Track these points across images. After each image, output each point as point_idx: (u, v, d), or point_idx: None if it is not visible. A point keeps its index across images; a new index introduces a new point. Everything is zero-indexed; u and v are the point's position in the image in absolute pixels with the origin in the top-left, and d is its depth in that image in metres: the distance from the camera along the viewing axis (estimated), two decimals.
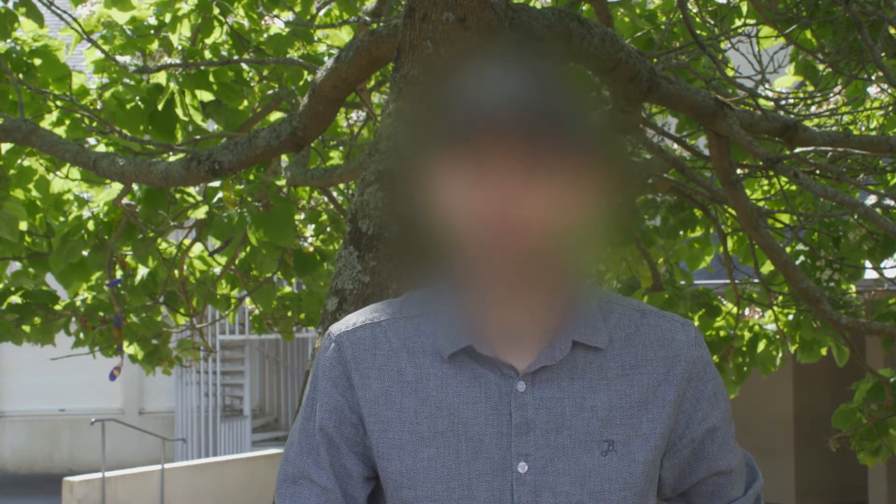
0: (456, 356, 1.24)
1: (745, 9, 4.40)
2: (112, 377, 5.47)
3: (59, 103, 4.01)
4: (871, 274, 6.11)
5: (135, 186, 4.11)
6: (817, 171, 3.93)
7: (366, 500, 1.29)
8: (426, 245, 1.24)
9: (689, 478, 1.33)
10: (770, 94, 4.34)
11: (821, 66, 4.46)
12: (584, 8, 4.28)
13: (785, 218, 4.71)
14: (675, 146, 4.80)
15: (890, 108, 4.79)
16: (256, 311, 6.27)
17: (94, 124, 4.04)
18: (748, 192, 4.84)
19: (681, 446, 1.30)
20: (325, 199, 5.38)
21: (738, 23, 4.41)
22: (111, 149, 4.11)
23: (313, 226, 5.54)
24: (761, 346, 5.23)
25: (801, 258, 4.82)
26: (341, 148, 5.46)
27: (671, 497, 1.36)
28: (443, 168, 1.17)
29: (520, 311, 1.24)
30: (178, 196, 4.46)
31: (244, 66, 4.42)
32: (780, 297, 4.89)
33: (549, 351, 1.23)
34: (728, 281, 4.74)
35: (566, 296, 1.26)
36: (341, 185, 5.36)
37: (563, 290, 1.26)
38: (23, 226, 4.35)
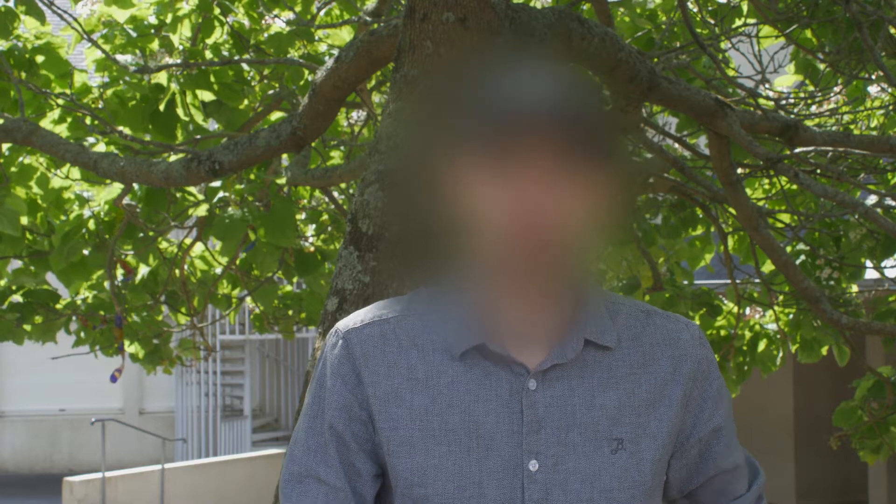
0: (467, 354, 1.24)
1: (745, 8, 4.40)
2: (113, 379, 5.46)
3: (60, 102, 4.01)
4: (871, 273, 6.10)
5: (135, 186, 4.11)
6: (818, 171, 3.93)
7: (374, 498, 1.28)
8: (432, 244, 1.24)
9: (696, 478, 1.34)
10: (770, 93, 4.34)
11: (821, 66, 4.45)
12: (584, 8, 4.28)
13: (785, 217, 4.71)
14: (676, 146, 4.80)
15: (890, 108, 4.79)
16: (257, 311, 6.27)
17: (96, 123, 4.04)
18: (748, 191, 4.84)
19: (688, 447, 1.31)
20: (326, 198, 5.37)
21: (738, 22, 4.42)
22: (112, 148, 4.11)
23: (314, 225, 5.54)
24: (762, 345, 5.23)
25: (802, 258, 4.82)
26: (342, 148, 5.46)
27: (677, 498, 1.36)
28: (471, 169, 1.17)
29: (532, 310, 1.24)
30: (178, 195, 4.46)
31: (245, 65, 4.42)
32: (781, 297, 4.89)
33: (561, 349, 1.24)
34: (729, 280, 4.74)
35: (577, 295, 1.27)
36: (342, 185, 5.36)
37: (575, 290, 1.27)
38: (24, 222, 4.35)
